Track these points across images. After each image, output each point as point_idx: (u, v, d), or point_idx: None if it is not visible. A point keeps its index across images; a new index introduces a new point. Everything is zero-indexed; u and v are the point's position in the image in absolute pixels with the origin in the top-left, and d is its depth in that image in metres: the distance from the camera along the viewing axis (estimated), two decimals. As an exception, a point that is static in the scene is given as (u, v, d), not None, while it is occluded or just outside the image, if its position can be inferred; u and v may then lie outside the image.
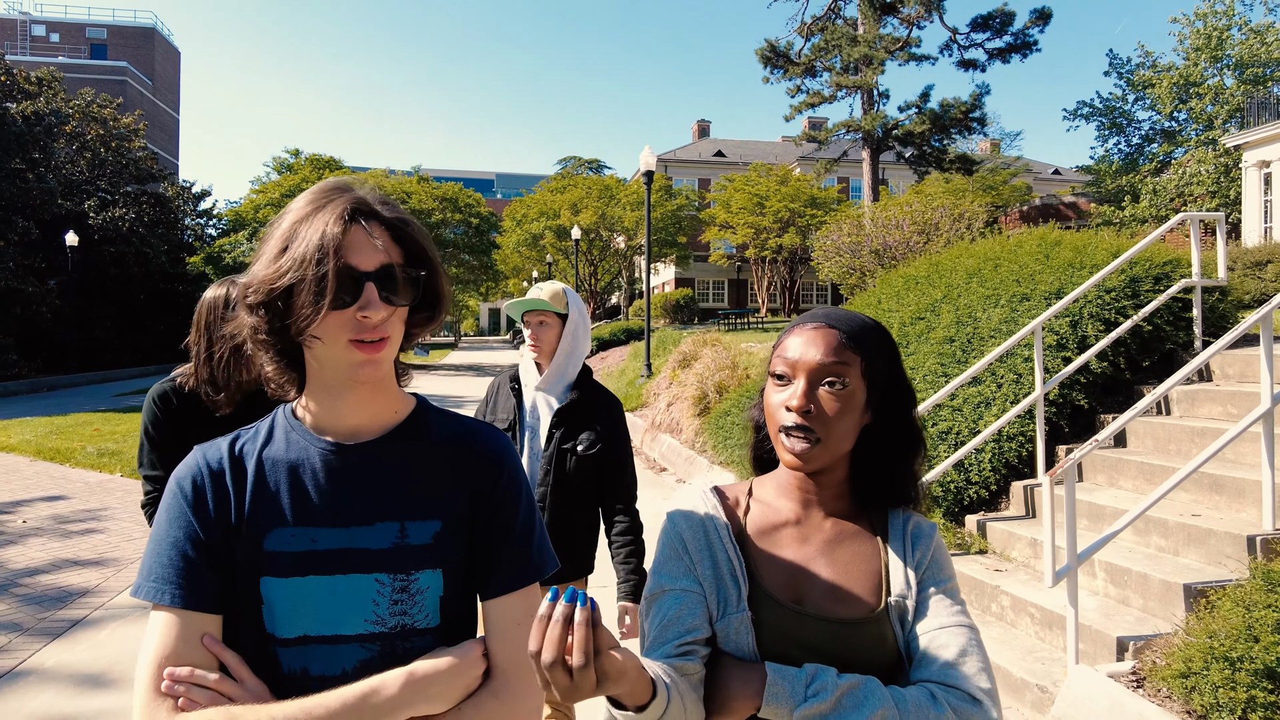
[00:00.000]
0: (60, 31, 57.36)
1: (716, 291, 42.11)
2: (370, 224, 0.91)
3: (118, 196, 30.34)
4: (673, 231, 31.74)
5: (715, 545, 1.06)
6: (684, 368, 11.09)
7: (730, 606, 1.03)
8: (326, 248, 0.86)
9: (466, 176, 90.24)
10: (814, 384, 1.03)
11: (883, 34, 27.32)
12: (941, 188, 33.14)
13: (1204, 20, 24.05)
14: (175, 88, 63.60)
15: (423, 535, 0.96)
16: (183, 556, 0.92)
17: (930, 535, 1.10)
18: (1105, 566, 3.75)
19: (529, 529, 1.03)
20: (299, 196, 0.96)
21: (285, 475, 0.96)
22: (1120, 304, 5.04)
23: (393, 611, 0.94)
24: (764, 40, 27.96)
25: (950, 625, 1.02)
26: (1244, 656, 2.66)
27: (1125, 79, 26.10)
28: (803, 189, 31.94)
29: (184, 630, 0.89)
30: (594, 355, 23.95)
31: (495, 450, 1.04)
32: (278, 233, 0.92)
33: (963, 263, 6.36)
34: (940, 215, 15.32)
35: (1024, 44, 27.07)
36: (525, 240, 34.09)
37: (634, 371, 14.66)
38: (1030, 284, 5.47)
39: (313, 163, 32.27)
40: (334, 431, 0.98)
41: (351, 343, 0.90)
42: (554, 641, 0.76)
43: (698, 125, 52.33)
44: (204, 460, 0.98)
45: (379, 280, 0.90)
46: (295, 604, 0.93)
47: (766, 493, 1.13)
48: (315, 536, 0.94)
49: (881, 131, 27.34)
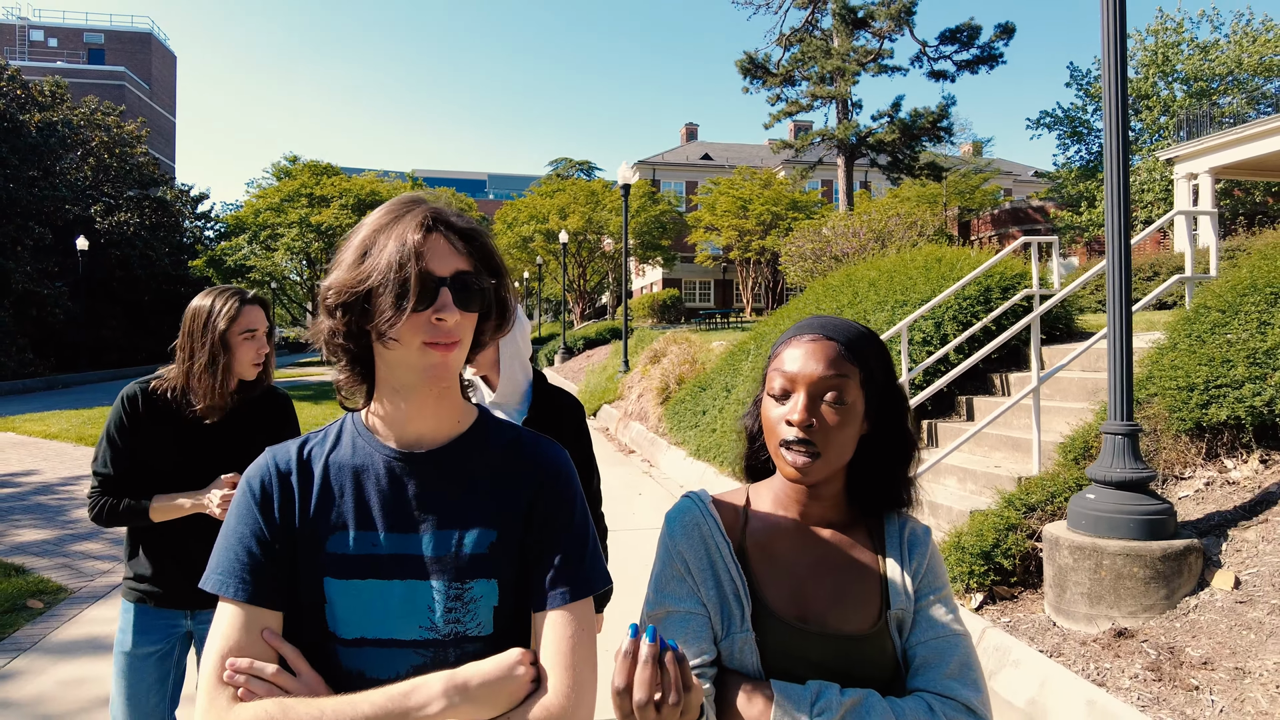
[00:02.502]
0: (58, 37, 58.23)
1: (703, 292, 43.41)
2: (447, 233, 0.95)
3: (121, 201, 31.50)
4: (657, 235, 33.03)
5: (718, 564, 1.06)
6: (654, 363, 12.42)
7: (734, 626, 1.04)
8: (408, 253, 0.90)
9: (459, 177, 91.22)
10: (814, 398, 1.03)
11: (856, 46, 28.66)
12: (917, 192, 34.59)
13: (1155, 36, 25.48)
14: (172, 92, 64.54)
15: (479, 545, 0.98)
16: (248, 553, 0.96)
17: (926, 542, 1.11)
18: (929, 504, 5.10)
19: (583, 542, 1.03)
20: (376, 210, 0.99)
21: (350, 480, 0.99)
22: (975, 309, 6.41)
23: (447, 619, 0.96)
24: (743, 52, 29.21)
25: (946, 635, 1.04)
26: (970, 546, 4.02)
27: (1084, 90, 27.53)
28: (784, 193, 33.22)
29: (247, 623, 0.93)
30: (581, 353, 25.25)
31: (552, 461, 1.05)
32: (356, 240, 0.96)
33: (866, 274, 7.72)
34: (895, 224, 16.66)
35: (990, 56, 28.49)
36: (516, 243, 35.34)
37: (614, 368, 15.99)
38: (910, 293, 6.82)
39: (310, 169, 33.47)
40: (399, 439, 1.00)
41: (425, 345, 0.93)
42: (646, 683, 0.79)
43: (686, 129, 53.62)
44: (273, 462, 1.02)
45: (454, 286, 0.93)
46: (354, 606, 0.95)
47: (763, 503, 1.13)
48: (376, 541, 0.97)
49: (855, 139, 28.72)
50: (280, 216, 32.51)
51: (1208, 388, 4.09)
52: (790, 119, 31.20)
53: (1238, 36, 24.60)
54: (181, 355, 2.02)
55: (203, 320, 2.01)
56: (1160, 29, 25.41)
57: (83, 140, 29.38)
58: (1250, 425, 3.96)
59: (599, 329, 27.35)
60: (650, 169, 44.78)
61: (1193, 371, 4.18)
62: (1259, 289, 4.28)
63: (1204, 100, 23.27)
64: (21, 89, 23.49)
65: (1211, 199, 17.42)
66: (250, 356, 2.05)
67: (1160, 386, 4.35)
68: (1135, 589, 3.40)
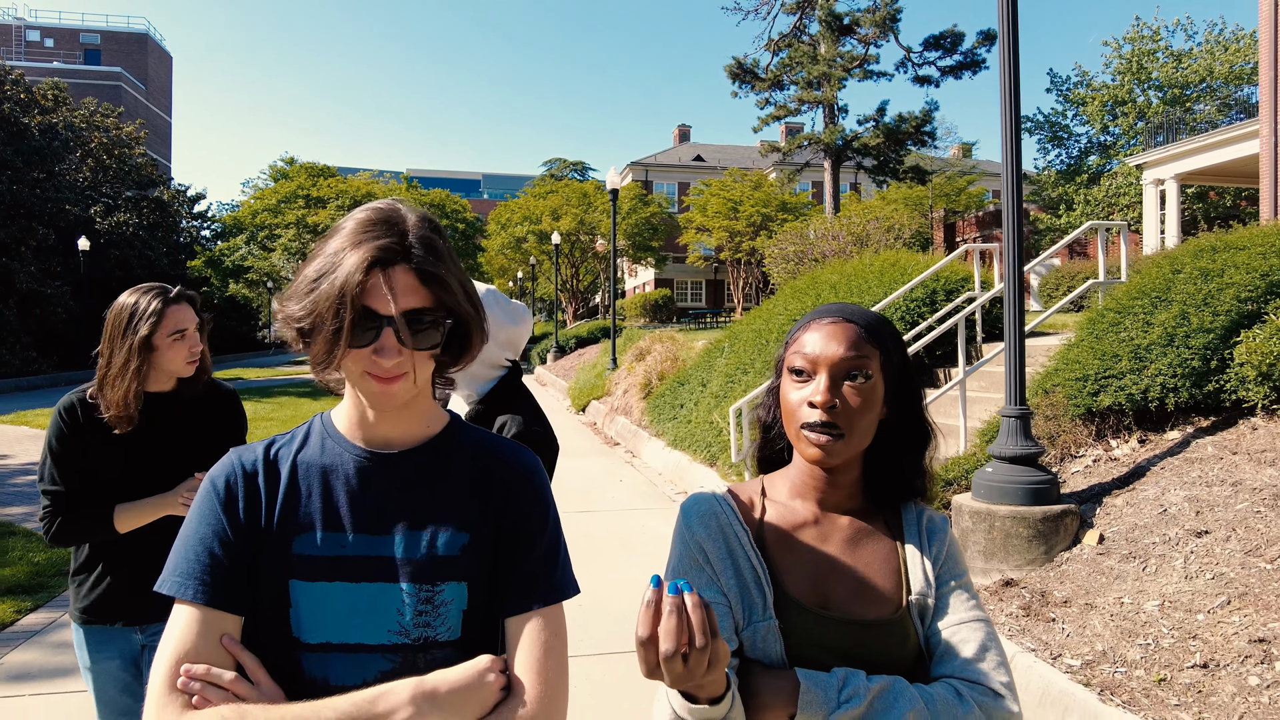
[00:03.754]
0: (55, 37, 58.56)
1: (695, 292, 44.07)
2: (399, 268, 0.90)
3: (120, 202, 32.02)
4: (648, 236, 33.66)
5: (737, 553, 1.05)
6: (639, 360, 13.05)
7: (756, 614, 1.02)
8: (346, 294, 0.87)
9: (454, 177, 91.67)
10: (837, 379, 1.02)
11: (842, 52, 29.32)
12: (903, 194, 35.27)
13: (1132, 44, 26.22)
14: (168, 92, 64.90)
15: (450, 547, 0.96)
16: (209, 554, 0.93)
17: (944, 530, 1.10)
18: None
19: (555, 549, 1.01)
20: (351, 216, 0.95)
21: (318, 480, 0.98)
22: (921, 310, 7.06)
23: (417, 623, 0.94)
24: (732, 58, 29.85)
25: (969, 621, 1.03)
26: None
27: (1063, 96, 28.26)
28: (774, 194, 33.85)
29: (204, 627, 0.90)
30: (573, 351, 25.87)
31: (524, 466, 1.04)
32: (322, 254, 0.93)
33: (829, 277, 8.37)
34: (873, 227, 17.32)
35: (973, 62, 29.17)
36: (509, 243, 35.94)
37: (603, 365, 16.62)
38: (865, 294, 7.47)
39: (307, 170, 34.03)
40: (368, 440, 0.99)
41: (365, 374, 0.91)
42: (671, 632, 0.78)
43: (678, 130, 54.23)
44: (239, 461, 1.00)
45: (402, 324, 0.90)
46: (320, 609, 0.93)
47: (780, 493, 1.12)
48: (344, 542, 0.95)
49: (841, 143, 29.41)
50: (278, 217, 33.09)
51: (1098, 378, 4.74)
52: (779, 122, 31.86)
53: (1210, 45, 25.34)
54: (101, 360, 1.92)
55: (124, 323, 1.90)
56: (1137, 37, 26.18)
57: (82, 142, 29.89)
58: (1130, 410, 4.62)
59: (590, 328, 27.98)
60: (643, 170, 45.44)
61: (1088, 365, 4.84)
62: (1146, 293, 4.95)
63: (1178, 107, 24.00)
64: (25, 93, 24.03)
65: (1177, 204, 18.13)
66: (183, 356, 1.96)
67: (1062, 378, 5.00)
68: (1021, 546, 4.06)
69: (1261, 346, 4.08)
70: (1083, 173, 27.64)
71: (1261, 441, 4.08)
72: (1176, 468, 4.22)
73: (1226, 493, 3.81)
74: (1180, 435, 4.47)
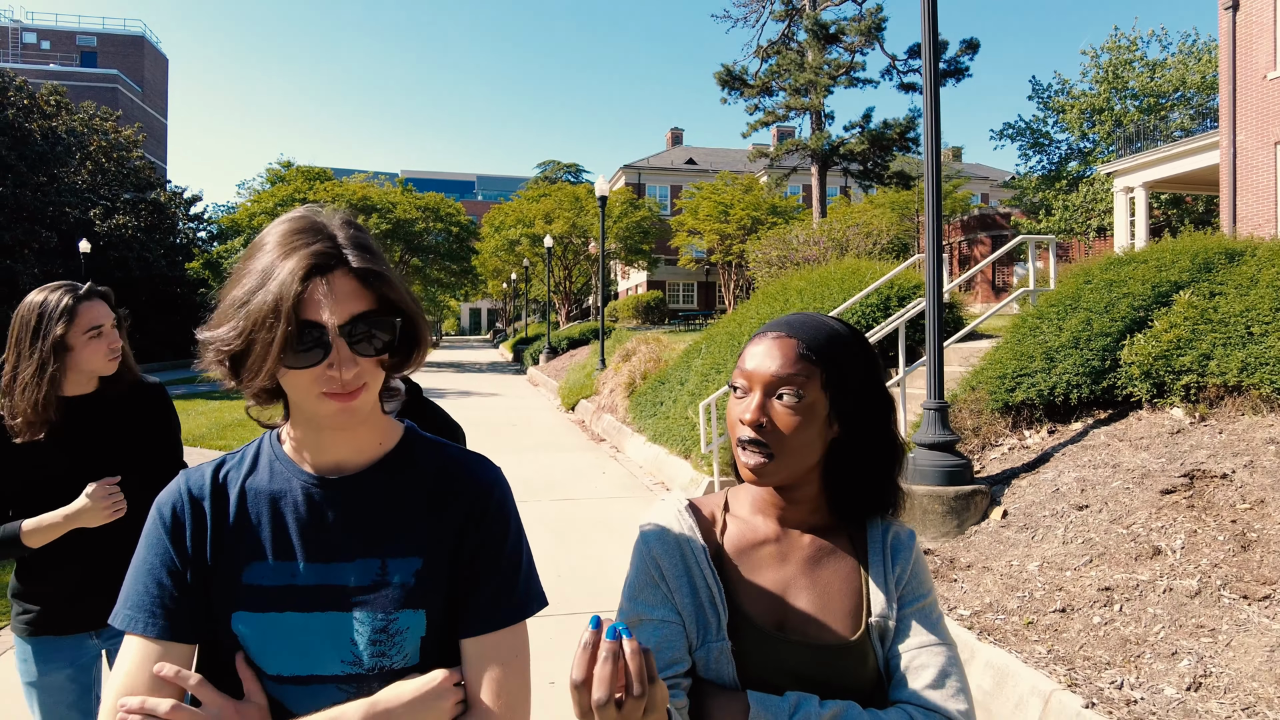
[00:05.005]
0: (51, 39, 58.95)
1: (686, 293, 44.71)
2: (338, 274, 0.86)
3: (119, 204, 32.52)
4: (638, 239, 34.27)
5: (693, 570, 1.02)
6: (625, 361, 13.68)
7: (710, 634, 1.00)
8: (283, 306, 0.82)
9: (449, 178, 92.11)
10: (769, 396, 1.00)
11: (829, 59, 30.03)
12: (890, 198, 35.96)
13: (1110, 54, 26.98)
14: (164, 94, 65.33)
15: (404, 573, 0.94)
16: (158, 584, 0.91)
17: (909, 546, 1.08)
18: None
19: (516, 563, 0.99)
20: (271, 230, 0.90)
21: (267, 507, 0.95)
22: (876, 314, 7.71)
23: (371, 652, 0.91)
24: (721, 65, 30.50)
25: (929, 645, 1.01)
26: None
27: (1043, 103, 29.01)
28: (764, 198, 34.50)
29: (152, 660, 0.88)
30: (565, 353, 26.46)
31: (483, 480, 1.01)
32: (248, 273, 0.87)
33: (797, 283, 9.03)
34: (853, 233, 17.99)
35: (957, 70, 29.88)
36: (503, 246, 36.51)
37: (592, 365, 17.25)
38: (825, 300, 8.13)
39: (304, 174, 34.53)
40: (316, 464, 0.96)
41: (323, 395, 0.87)
42: (606, 679, 0.75)
43: (671, 133, 54.91)
44: (186, 487, 0.96)
45: (351, 333, 0.86)
46: (270, 641, 0.91)
47: (742, 508, 1.10)
48: (294, 571, 0.92)
49: (828, 149, 30.13)
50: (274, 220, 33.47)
51: (1015, 376, 5.39)
52: (767, 128, 32.53)
53: (1183, 55, 26.12)
54: (7, 366, 1.82)
55: (34, 324, 1.80)
56: (1114, 46, 26.93)
57: (82, 145, 30.40)
58: (1041, 404, 5.27)
59: (582, 329, 28.59)
60: (636, 173, 46.09)
61: (1007, 364, 5.49)
62: (1061, 301, 5.61)
63: (1153, 115, 24.76)
64: (28, 98, 24.57)
65: (1145, 211, 18.85)
66: (102, 355, 1.87)
67: (986, 376, 5.66)
68: (936, 521, 4.70)
69: (1143, 348, 4.73)
70: (1062, 179, 28.39)
71: (1141, 430, 4.73)
72: (1074, 454, 4.87)
73: (1107, 473, 4.47)
74: (1082, 426, 5.13)
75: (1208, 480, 4.00)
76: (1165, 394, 4.74)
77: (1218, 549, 3.52)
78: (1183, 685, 2.90)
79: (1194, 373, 4.56)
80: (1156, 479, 4.19)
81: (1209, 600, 3.27)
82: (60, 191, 25.59)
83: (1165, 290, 5.10)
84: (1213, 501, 3.83)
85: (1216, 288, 4.86)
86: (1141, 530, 3.86)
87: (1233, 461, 4.04)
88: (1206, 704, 2.78)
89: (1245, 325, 4.47)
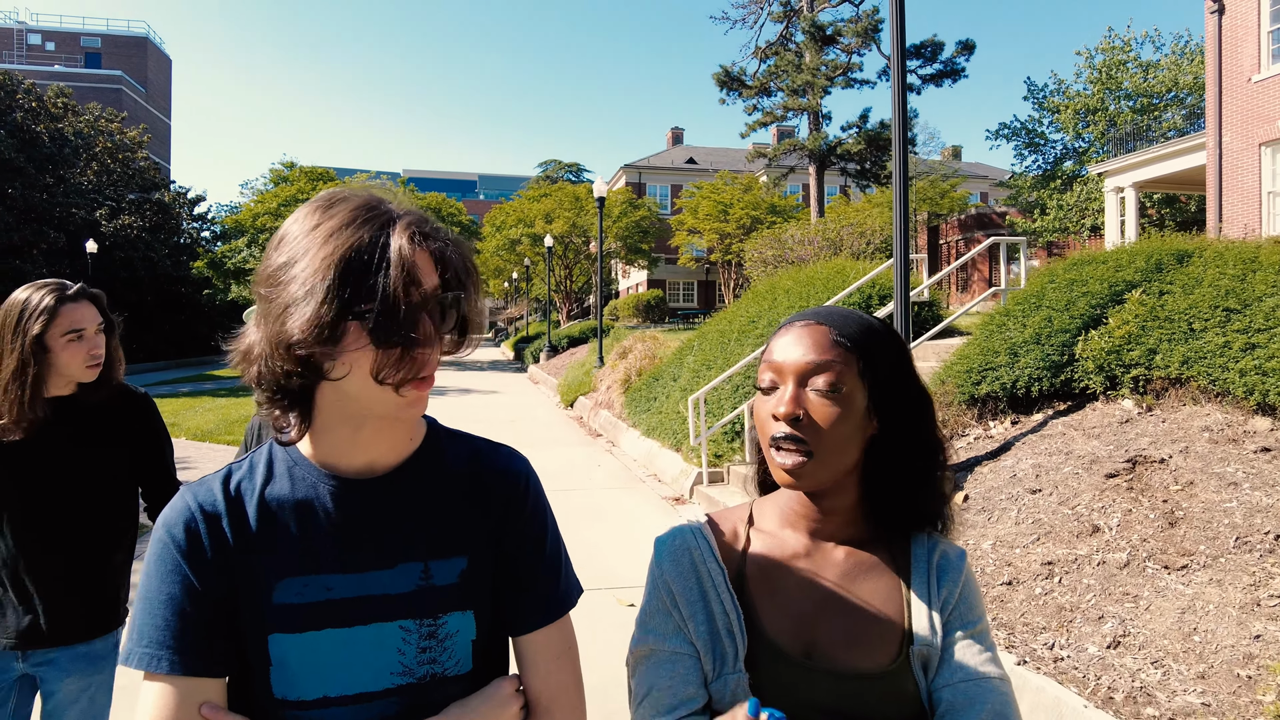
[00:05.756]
0: (56, 40, 59.37)
1: (686, 292, 45.04)
2: (427, 245, 0.80)
3: (124, 205, 32.95)
4: (638, 239, 34.62)
5: (709, 594, 0.95)
6: (622, 358, 14.02)
7: (726, 666, 0.92)
8: (413, 275, 0.77)
9: (451, 177, 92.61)
10: (802, 388, 0.91)
11: (826, 60, 30.33)
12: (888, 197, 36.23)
13: (1105, 54, 27.28)
14: (167, 94, 65.73)
15: (448, 574, 0.89)
16: (179, 615, 0.82)
17: (959, 567, 0.97)
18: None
19: (557, 556, 0.97)
20: (316, 213, 0.81)
21: (293, 517, 0.87)
22: (858, 313, 8.05)
23: (421, 660, 0.87)
24: (719, 66, 30.82)
25: (978, 678, 0.90)
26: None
27: (1039, 104, 29.32)
28: (764, 197, 34.81)
29: (183, 700, 0.81)
30: (565, 350, 26.82)
31: (516, 471, 0.97)
32: (315, 260, 0.77)
33: (784, 283, 9.36)
34: (847, 233, 18.31)
35: (953, 70, 30.18)
36: (504, 245, 36.87)
37: (590, 363, 17.59)
38: (810, 299, 8.46)
39: (307, 174, 34.92)
40: (344, 466, 0.88)
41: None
42: None
43: (671, 133, 55.23)
44: (195, 504, 0.87)
45: (433, 311, 0.80)
46: (311, 662, 0.84)
47: (768, 521, 1.01)
48: (330, 585, 0.85)
49: (825, 149, 30.45)
50: (278, 220, 33.87)
51: (981, 370, 5.73)
52: (765, 128, 32.84)
53: (1175, 56, 26.41)
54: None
55: (14, 321, 1.74)
56: (1108, 47, 27.23)
57: (88, 147, 30.83)
58: (1004, 397, 5.60)
59: (582, 328, 28.95)
60: (637, 172, 46.43)
61: (974, 359, 5.83)
62: (1026, 299, 5.94)
63: (1147, 116, 25.05)
64: (36, 101, 24.99)
65: (1135, 210, 19.15)
66: (80, 360, 1.78)
67: (955, 371, 5.99)
68: (903, 504, 5.04)
69: (1096, 344, 5.06)
70: (1057, 178, 28.70)
71: (1094, 420, 5.07)
72: (1033, 443, 5.20)
73: (1060, 460, 4.80)
74: (1042, 417, 5.46)
75: (1147, 465, 4.33)
76: (1117, 386, 5.08)
77: (1148, 525, 3.85)
78: (1104, 644, 3.24)
79: (1141, 366, 4.89)
80: (1103, 464, 4.53)
81: (1135, 571, 3.61)
82: (67, 193, 26.00)
83: (1120, 289, 5.43)
84: (1149, 484, 4.17)
85: (1165, 287, 5.19)
86: (1085, 511, 4.20)
87: (1170, 448, 4.38)
88: (1122, 659, 3.12)
89: (1188, 322, 4.80)
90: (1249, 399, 4.25)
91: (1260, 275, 4.61)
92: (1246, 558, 3.39)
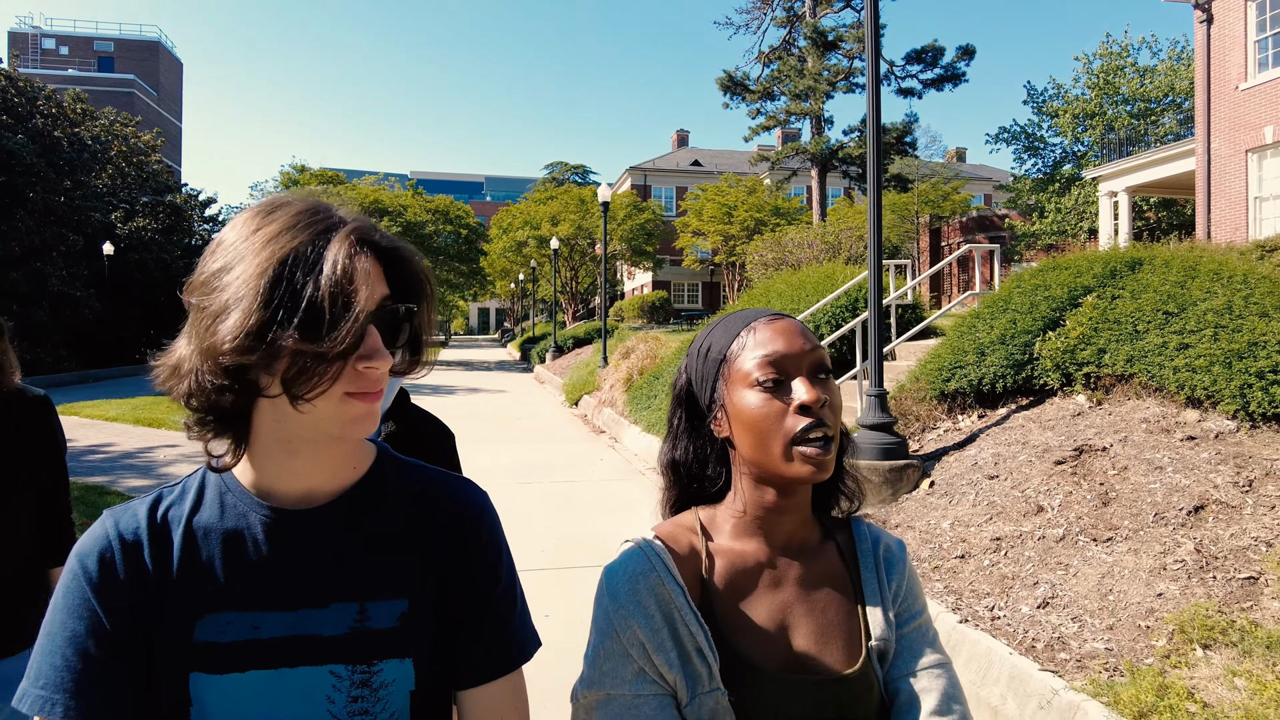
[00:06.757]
0: (69, 45, 60.26)
1: (691, 293, 45.52)
2: (372, 253, 0.76)
3: (138, 207, 33.62)
4: (642, 241, 35.12)
5: (674, 619, 0.89)
6: (624, 358, 14.52)
7: (700, 685, 0.88)
8: (346, 284, 0.71)
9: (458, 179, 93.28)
10: (815, 378, 0.90)
11: (828, 65, 30.78)
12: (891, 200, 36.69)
13: (1103, 59, 27.66)
14: (178, 98, 66.61)
15: (387, 617, 0.82)
16: (81, 656, 0.75)
17: (902, 559, 1.01)
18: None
19: (511, 601, 0.88)
20: (255, 219, 0.76)
21: (220, 548, 0.80)
22: (844, 315, 8.52)
23: (351, 710, 0.80)
24: (723, 71, 31.29)
25: (931, 666, 0.94)
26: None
27: (1038, 108, 29.71)
28: (767, 200, 35.27)
29: None
30: (570, 351, 27.33)
31: (471, 506, 0.89)
32: (251, 265, 0.72)
33: (778, 286, 9.85)
34: (845, 236, 18.78)
35: (954, 75, 30.61)
36: (511, 247, 37.43)
37: (595, 363, 18.10)
38: (802, 301, 8.94)
39: (317, 177, 35.58)
40: (280, 495, 0.81)
41: (348, 396, 0.75)
42: None
43: (676, 135, 55.71)
44: (115, 531, 0.79)
45: (381, 321, 0.76)
46: (234, 707, 0.77)
47: (723, 533, 0.97)
48: (257, 622, 0.79)
49: (827, 152, 30.90)
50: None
51: (951, 368, 6.20)
52: (769, 132, 33.32)
53: (1171, 62, 26.78)
54: None
55: None
56: (1106, 52, 27.61)
57: (104, 150, 31.51)
58: (972, 393, 6.07)
59: (588, 329, 29.47)
60: (642, 175, 46.96)
61: (945, 358, 6.30)
62: (995, 302, 6.41)
63: (1143, 121, 25.43)
64: (56, 107, 25.67)
65: (1128, 214, 19.55)
66: None
67: (928, 369, 6.47)
68: (874, 490, 5.52)
69: (1053, 344, 5.54)
70: (1055, 182, 29.09)
71: (1050, 414, 5.54)
72: (995, 434, 5.67)
73: (1017, 449, 5.27)
74: (1005, 411, 5.93)
75: (1091, 453, 4.80)
76: (1071, 383, 5.54)
77: (1084, 505, 4.33)
78: (1035, 605, 3.72)
79: (1093, 365, 5.35)
80: (1054, 453, 5.00)
81: (1069, 544, 4.09)
82: (85, 196, 26.68)
83: (1079, 294, 5.90)
84: (1090, 469, 4.64)
85: (1117, 292, 5.65)
86: (1033, 493, 4.67)
87: (1112, 437, 4.85)
88: (1048, 617, 3.60)
89: (1133, 324, 5.26)
90: (1181, 393, 4.72)
91: (1197, 282, 5.07)
92: (1161, 530, 3.87)
